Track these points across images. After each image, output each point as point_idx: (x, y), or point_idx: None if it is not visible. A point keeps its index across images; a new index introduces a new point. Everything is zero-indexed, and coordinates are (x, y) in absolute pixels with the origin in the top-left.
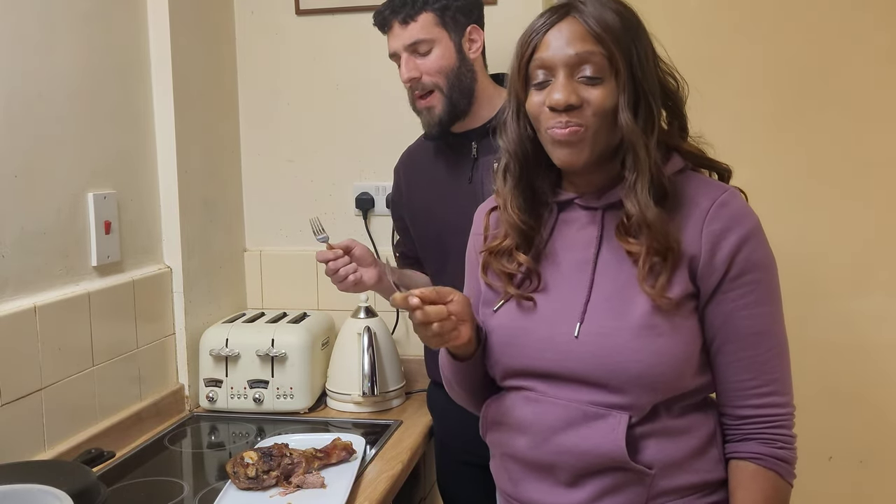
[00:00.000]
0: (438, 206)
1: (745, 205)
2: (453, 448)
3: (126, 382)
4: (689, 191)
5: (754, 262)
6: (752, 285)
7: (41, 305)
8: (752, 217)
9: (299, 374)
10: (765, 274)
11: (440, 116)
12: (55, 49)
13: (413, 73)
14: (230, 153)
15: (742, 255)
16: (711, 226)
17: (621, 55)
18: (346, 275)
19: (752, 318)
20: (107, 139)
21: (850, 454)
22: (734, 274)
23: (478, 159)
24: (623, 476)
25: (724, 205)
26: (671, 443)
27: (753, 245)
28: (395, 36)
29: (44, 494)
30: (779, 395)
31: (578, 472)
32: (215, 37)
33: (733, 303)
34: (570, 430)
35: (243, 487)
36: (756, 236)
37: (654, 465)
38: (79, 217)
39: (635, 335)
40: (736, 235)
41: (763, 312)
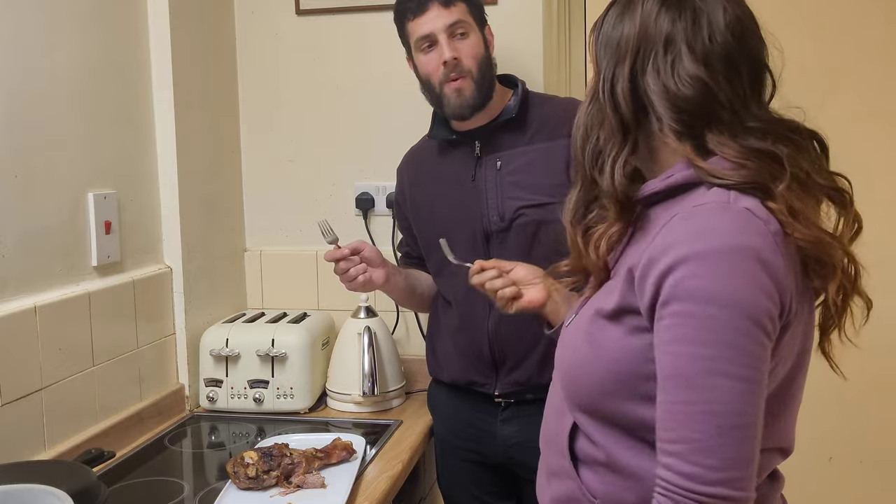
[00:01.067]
0: (441, 204)
1: (716, 224)
2: (453, 447)
3: (126, 382)
4: (675, 206)
5: (687, 289)
6: (679, 318)
7: (41, 305)
8: (710, 239)
9: (299, 374)
10: (698, 308)
11: (472, 97)
12: (56, 49)
13: (456, 52)
14: (230, 153)
15: (671, 280)
16: (657, 242)
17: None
18: (357, 275)
19: (670, 356)
20: (107, 139)
21: (850, 454)
22: (662, 300)
23: (481, 158)
24: (573, 490)
25: (684, 219)
26: (620, 481)
27: (689, 270)
28: (433, 17)
29: (44, 494)
30: (680, 459)
31: (550, 469)
32: (215, 37)
33: (659, 335)
34: (548, 418)
35: (243, 487)
36: (700, 261)
37: (598, 497)
38: (79, 217)
39: (581, 338)
40: (673, 255)
41: (685, 353)
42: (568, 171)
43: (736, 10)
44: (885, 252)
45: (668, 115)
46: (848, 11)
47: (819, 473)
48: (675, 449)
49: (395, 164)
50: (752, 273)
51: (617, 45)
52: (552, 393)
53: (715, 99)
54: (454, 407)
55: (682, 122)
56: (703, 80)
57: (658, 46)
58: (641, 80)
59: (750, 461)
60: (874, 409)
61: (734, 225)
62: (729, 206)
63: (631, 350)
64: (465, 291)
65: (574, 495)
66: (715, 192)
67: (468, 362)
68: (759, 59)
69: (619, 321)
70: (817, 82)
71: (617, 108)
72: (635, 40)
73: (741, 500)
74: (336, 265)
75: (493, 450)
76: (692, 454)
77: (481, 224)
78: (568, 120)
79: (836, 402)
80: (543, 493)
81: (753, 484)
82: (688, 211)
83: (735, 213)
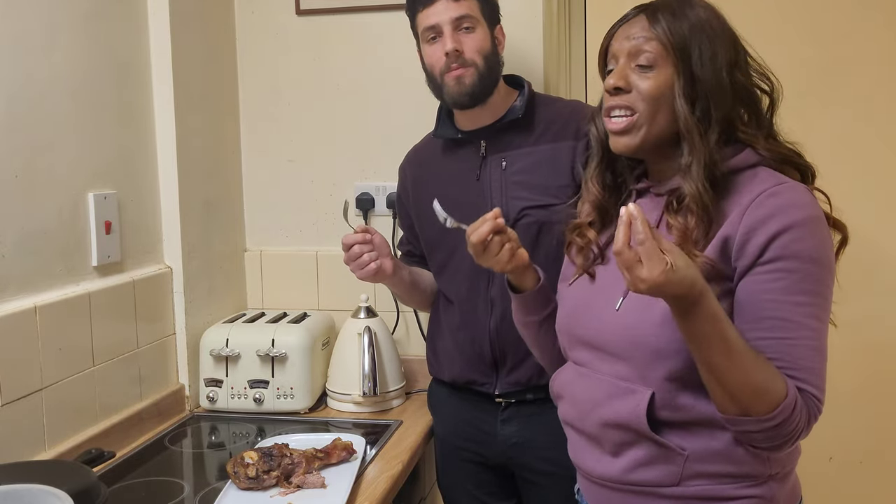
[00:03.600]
0: (445, 202)
1: (803, 199)
2: (453, 447)
3: (126, 382)
4: (751, 182)
5: (794, 251)
6: (784, 273)
7: (42, 305)
8: (804, 210)
9: (299, 374)
10: (805, 265)
11: (472, 86)
12: (56, 49)
13: (458, 45)
14: (231, 153)
15: (779, 242)
16: (754, 212)
17: (678, 51)
18: (370, 261)
19: (776, 303)
20: (107, 139)
21: (850, 454)
22: (767, 258)
23: (486, 157)
24: (656, 451)
25: (774, 195)
26: (707, 433)
27: (796, 235)
28: (440, 9)
29: (44, 494)
30: (807, 383)
31: (618, 443)
32: (216, 37)
33: (760, 285)
34: (606, 403)
35: (244, 487)
36: (803, 227)
37: (687, 448)
38: (79, 217)
39: (663, 311)
40: (778, 223)
41: (791, 301)
42: (573, 172)
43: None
44: (886, 251)
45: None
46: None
47: (819, 473)
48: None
49: (395, 163)
50: (830, 238)
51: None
52: (597, 378)
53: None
54: (454, 407)
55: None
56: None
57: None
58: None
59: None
60: (874, 409)
61: (812, 200)
62: (799, 185)
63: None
64: (467, 290)
65: (657, 455)
66: (770, 172)
67: (468, 361)
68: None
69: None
70: (819, 84)
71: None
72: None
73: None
74: (348, 251)
75: (493, 450)
76: (811, 376)
77: None
78: (574, 122)
79: (836, 402)
80: (607, 467)
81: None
82: (772, 189)
83: (807, 190)
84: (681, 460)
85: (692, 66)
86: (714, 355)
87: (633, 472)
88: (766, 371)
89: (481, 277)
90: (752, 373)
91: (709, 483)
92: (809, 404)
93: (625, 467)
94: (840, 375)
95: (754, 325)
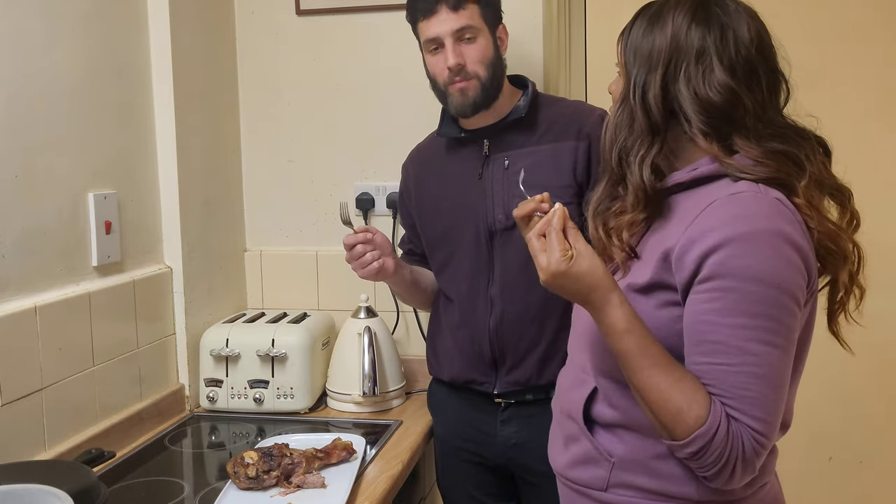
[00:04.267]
0: (446, 201)
1: (754, 209)
2: (453, 448)
3: (126, 382)
4: (712, 192)
5: (730, 268)
6: (720, 293)
7: (42, 305)
8: (750, 222)
9: (300, 374)
10: (743, 284)
11: (475, 98)
12: (56, 49)
13: (459, 58)
14: (231, 153)
15: (715, 259)
16: (699, 223)
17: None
18: (372, 260)
19: (712, 326)
20: (107, 139)
21: (850, 454)
22: (703, 276)
23: (489, 156)
24: (591, 451)
25: (723, 205)
26: (637, 442)
27: (735, 251)
28: (440, 21)
29: (44, 494)
30: (741, 412)
31: (568, 435)
32: (216, 37)
33: (698, 305)
34: (567, 392)
35: (244, 487)
36: (744, 242)
37: (614, 455)
38: (79, 217)
39: None
40: (716, 237)
41: (728, 324)
42: (575, 172)
43: (757, 25)
44: (886, 251)
45: (697, 119)
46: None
47: (819, 473)
48: (730, 403)
49: (395, 163)
50: (786, 254)
51: (648, 54)
52: (571, 367)
53: (740, 104)
54: (454, 407)
55: (710, 125)
56: (732, 87)
57: (690, 57)
58: (672, 87)
59: (780, 417)
60: (874, 409)
61: (770, 210)
62: (761, 195)
63: (660, 321)
64: (467, 289)
65: (591, 455)
66: (745, 183)
67: (468, 360)
68: (776, 68)
69: (650, 296)
70: (822, 84)
71: (648, 111)
72: (667, 51)
73: (768, 446)
74: (351, 250)
75: (492, 451)
76: (750, 407)
77: (486, 222)
78: (577, 122)
79: (836, 402)
80: (559, 456)
81: (776, 435)
82: (725, 198)
83: (769, 201)
84: (608, 465)
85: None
86: (628, 370)
87: (573, 469)
88: (686, 393)
89: (481, 276)
90: (669, 393)
91: (633, 496)
92: (744, 436)
93: (567, 461)
94: (840, 375)
95: (693, 349)
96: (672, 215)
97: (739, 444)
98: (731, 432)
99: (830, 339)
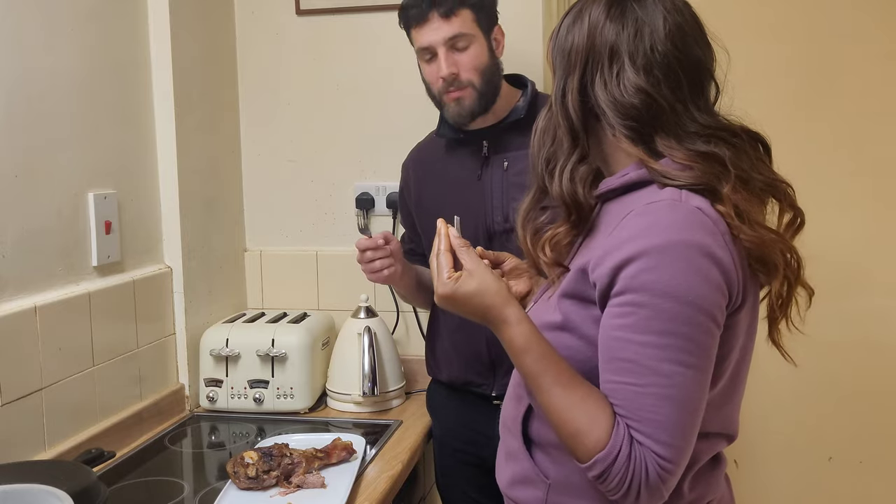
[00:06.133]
0: (446, 201)
1: (670, 219)
2: (452, 447)
3: (126, 382)
4: (628, 202)
5: (642, 282)
6: (632, 307)
7: (41, 305)
8: (665, 233)
9: (299, 374)
10: (655, 300)
11: (471, 108)
12: (56, 49)
13: (453, 68)
14: (231, 153)
15: (627, 272)
16: (616, 233)
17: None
18: (381, 268)
19: (620, 342)
20: (107, 139)
21: (850, 454)
22: (616, 290)
23: (489, 158)
24: (529, 470)
25: (640, 215)
26: (570, 463)
27: (648, 264)
28: (432, 29)
29: (44, 494)
30: (645, 435)
31: (508, 451)
32: (216, 37)
33: (610, 320)
34: (507, 403)
35: (244, 487)
36: (658, 255)
37: (549, 477)
38: (79, 217)
39: (539, 324)
40: (630, 249)
41: (638, 342)
42: None
43: (676, 18)
44: (886, 251)
45: (617, 122)
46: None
47: (819, 473)
48: (634, 425)
49: (395, 164)
50: (703, 267)
51: (568, 55)
52: (512, 380)
53: (658, 106)
54: (452, 409)
55: (632, 128)
56: (645, 89)
57: (604, 58)
58: (591, 90)
59: (692, 440)
60: (874, 409)
61: (686, 221)
62: (681, 204)
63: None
64: None
65: (528, 475)
66: (668, 191)
67: (466, 362)
68: (701, 64)
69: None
70: (817, 82)
71: (567, 116)
72: (584, 51)
73: (676, 472)
74: (363, 254)
75: (490, 452)
76: (654, 431)
77: (485, 224)
78: None
79: (836, 402)
80: (502, 473)
81: (687, 459)
82: (642, 207)
83: (687, 211)
84: (545, 487)
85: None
86: (530, 389)
87: (513, 488)
88: (589, 414)
89: None
90: (570, 414)
91: None
92: (648, 460)
93: (508, 479)
94: (840, 375)
95: (605, 366)
96: (600, 223)
97: (642, 470)
98: (632, 457)
99: (829, 339)
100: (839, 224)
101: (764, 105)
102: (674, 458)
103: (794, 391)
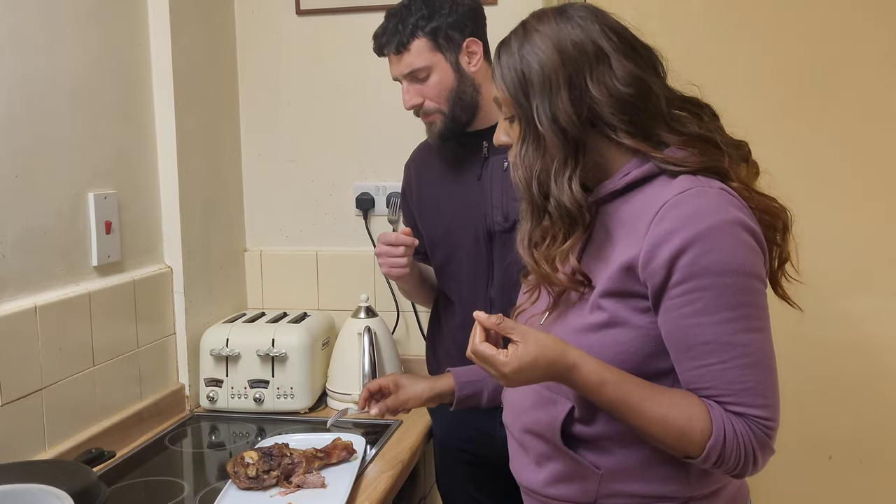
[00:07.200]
0: (447, 201)
1: (708, 205)
2: (452, 447)
3: (126, 382)
4: (656, 194)
5: (703, 267)
6: (699, 293)
7: (42, 305)
8: (707, 218)
9: (300, 374)
10: (719, 279)
11: (441, 131)
12: (56, 49)
13: (415, 99)
14: (231, 153)
15: (685, 260)
16: (657, 227)
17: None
18: (401, 265)
19: (698, 328)
20: (107, 139)
21: (850, 454)
22: (676, 280)
23: (488, 158)
24: (573, 466)
25: (676, 206)
26: (621, 451)
27: (703, 249)
28: (392, 64)
29: (44, 494)
30: (745, 406)
31: (540, 453)
32: (216, 37)
33: (678, 310)
34: (530, 411)
35: (244, 487)
36: (709, 239)
37: (601, 467)
38: (79, 217)
39: (578, 329)
40: (681, 239)
41: (713, 322)
42: None
43: (605, 14)
44: (886, 250)
45: (618, 121)
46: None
47: (819, 473)
48: (733, 399)
49: (394, 163)
50: (746, 240)
51: (542, 80)
52: (531, 389)
53: (650, 91)
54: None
55: (632, 123)
56: (639, 74)
57: (590, 60)
58: (586, 97)
59: (778, 390)
60: (874, 409)
61: (720, 202)
62: (707, 189)
63: (637, 331)
64: (468, 290)
65: (575, 471)
66: (684, 179)
67: (467, 362)
68: (647, 45)
69: (619, 309)
70: (817, 82)
71: (563, 131)
72: (561, 66)
73: (777, 425)
74: (393, 248)
75: (491, 451)
76: (753, 398)
77: (484, 224)
78: None
79: (836, 402)
80: (532, 475)
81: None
82: (675, 198)
83: (717, 193)
84: (596, 478)
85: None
86: (619, 416)
87: (553, 486)
88: (683, 412)
89: (481, 278)
90: (667, 421)
91: (626, 502)
92: (753, 428)
93: (545, 480)
94: (840, 375)
95: (684, 356)
96: (614, 225)
97: (751, 438)
98: (737, 431)
99: (829, 339)
100: (839, 224)
101: (764, 105)
102: (772, 415)
103: (794, 391)
